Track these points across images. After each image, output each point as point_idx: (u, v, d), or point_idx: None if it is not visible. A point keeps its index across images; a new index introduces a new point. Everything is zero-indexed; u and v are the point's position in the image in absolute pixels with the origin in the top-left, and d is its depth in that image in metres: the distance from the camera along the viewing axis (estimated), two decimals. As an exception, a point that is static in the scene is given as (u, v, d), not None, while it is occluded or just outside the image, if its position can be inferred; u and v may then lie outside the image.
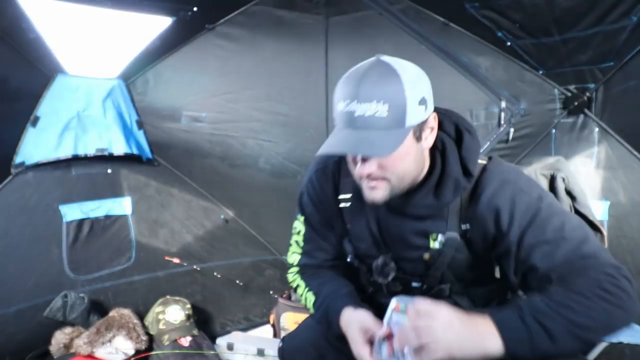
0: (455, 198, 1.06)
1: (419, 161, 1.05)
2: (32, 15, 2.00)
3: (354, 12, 2.35)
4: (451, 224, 1.09)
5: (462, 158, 1.06)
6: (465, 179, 1.05)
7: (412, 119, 0.95)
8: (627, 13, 1.61)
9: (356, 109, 0.93)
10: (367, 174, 1.00)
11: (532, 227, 0.99)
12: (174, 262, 2.69)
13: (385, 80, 0.93)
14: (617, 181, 1.91)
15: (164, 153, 2.72)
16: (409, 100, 0.94)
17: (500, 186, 1.04)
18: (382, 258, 1.17)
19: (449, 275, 1.15)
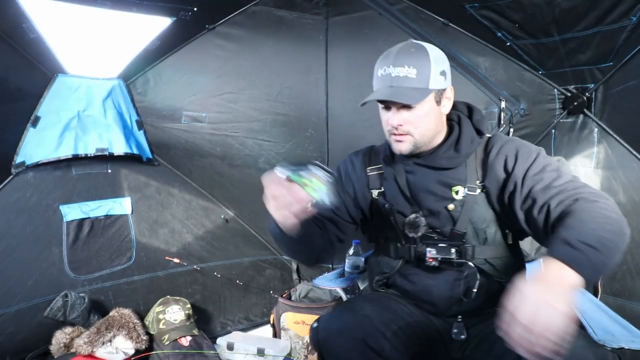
0: (472, 150, 1.31)
1: (438, 123, 1.31)
2: (32, 15, 2.01)
3: (354, 12, 2.35)
4: (470, 178, 1.30)
5: (474, 124, 1.34)
6: (477, 136, 1.33)
7: (434, 83, 1.23)
8: (626, 13, 1.61)
9: (392, 71, 1.22)
10: (396, 125, 1.26)
11: (533, 166, 1.22)
12: (175, 262, 2.69)
13: (415, 52, 1.24)
14: (616, 181, 1.92)
15: (164, 153, 2.73)
16: (433, 68, 1.23)
17: (505, 142, 1.30)
18: (414, 214, 1.35)
19: (470, 231, 1.30)
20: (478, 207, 1.30)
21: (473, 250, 1.31)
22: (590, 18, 1.68)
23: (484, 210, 1.30)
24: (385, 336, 1.21)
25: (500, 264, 1.32)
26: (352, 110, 2.44)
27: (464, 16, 1.98)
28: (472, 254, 1.31)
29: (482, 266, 1.31)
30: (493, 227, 1.31)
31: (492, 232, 1.31)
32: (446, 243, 1.31)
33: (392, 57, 1.23)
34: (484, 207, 1.30)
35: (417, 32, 2.17)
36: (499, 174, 1.27)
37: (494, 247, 1.32)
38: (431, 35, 2.15)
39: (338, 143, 2.52)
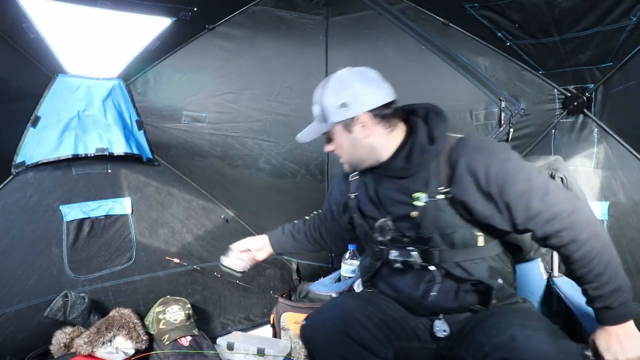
0: (425, 160, 1.33)
1: (358, 148, 1.39)
2: (32, 15, 2.01)
3: (354, 12, 2.35)
4: (432, 185, 1.32)
5: (429, 131, 1.35)
6: (429, 145, 1.33)
7: (334, 117, 1.35)
8: (626, 13, 1.61)
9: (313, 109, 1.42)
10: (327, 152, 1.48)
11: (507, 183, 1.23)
12: (175, 262, 2.69)
13: (319, 90, 1.38)
14: (616, 181, 1.91)
15: (164, 153, 2.73)
16: (329, 104, 1.35)
17: (474, 152, 1.27)
18: (382, 219, 1.42)
19: (436, 236, 1.33)
20: (442, 213, 1.32)
21: (440, 254, 1.35)
22: (590, 18, 1.68)
23: (449, 216, 1.32)
24: (366, 327, 1.30)
25: (474, 267, 1.34)
26: (352, 110, 2.43)
27: (464, 16, 1.97)
28: (440, 257, 1.35)
29: (452, 270, 1.34)
30: (460, 232, 1.33)
31: (459, 237, 1.33)
32: (414, 246, 1.37)
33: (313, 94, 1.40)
34: (449, 213, 1.32)
35: (417, 32, 2.18)
36: (469, 190, 1.27)
37: (465, 250, 1.35)
38: (431, 35, 2.15)
39: (338, 143, 2.52)
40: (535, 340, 1.11)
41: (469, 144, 1.30)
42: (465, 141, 1.31)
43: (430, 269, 1.35)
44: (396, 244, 1.41)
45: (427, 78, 2.25)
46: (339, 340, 1.28)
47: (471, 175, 1.26)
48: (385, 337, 1.33)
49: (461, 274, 1.34)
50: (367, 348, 1.28)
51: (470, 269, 1.34)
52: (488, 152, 1.27)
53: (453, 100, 2.19)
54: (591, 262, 1.20)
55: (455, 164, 1.28)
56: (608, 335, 1.22)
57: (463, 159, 1.27)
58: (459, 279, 1.35)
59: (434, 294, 1.34)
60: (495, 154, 1.27)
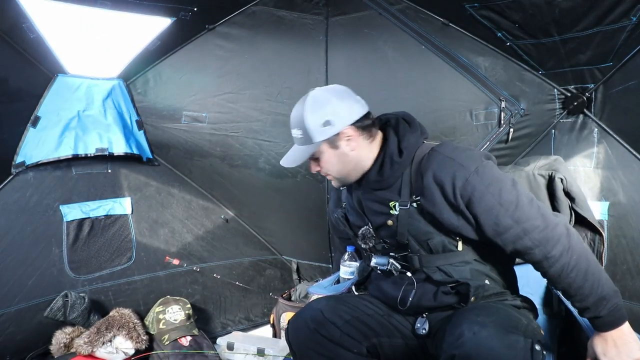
0: (395, 172, 1.35)
1: (347, 161, 1.39)
2: (32, 15, 2.00)
3: (354, 12, 2.34)
4: (404, 194, 1.35)
5: (398, 142, 1.37)
6: (398, 156, 1.35)
7: (319, 136, 1.35)
8: (626, 13, 1.60)
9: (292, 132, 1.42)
10: (313, 172, 1.48)
11: (474, 197, 1.23)
12: (174, 264, 2.70)
13: (298, 113, 1.39)
14: (616, 181, 1.91)
15: (164, 153, 2.73)
16: (311, 124, 1.35)
17: (442, 163, 1.28)
18: (365, 227, 1.47)
19: (413, 242, 1.36)
20: (415, 221, 1.34)
21: (420, 259, 1.37)
22: (590, 18, 1.68)
23: (423, 224, 1.34)
24: (336, 325, 1.39)
25: (455, 270, 1.35)
26: (352, 110, 2.43)
27: (464, 16, 1.97)
28: (420, 262, 1.38)
29: (433, 274, 1.36)
30: (437, 238, 1.34)
31: (435, 243, 1.34)
32: (395, 252, 1.42)
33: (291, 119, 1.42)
34: (422, 221, 1.33)
35: (417, 32, 2.17)
36: (437, 199, 1.28)
37: (444, 255, 1.36)
38: (431, 35, 2.15)
39: (338, 143, 2.52)
40: (481, 336, 1.11)
41: (440, 153, 1.30)
42: (437, 151, 1.32)
43: (408, 274, 1.39)
44: (379, 250, 1.46)
45: (427, 78, 2.25)
46: (312, 339, 1.40)
47: (438, 186, 1.27)
48: (359, 333, 1.40)
49: (442, 277, 1.35)
50: (339, 343, 1.38)
51: (451, 272, 1.35)
52: (457, 163, 1.26)
53: (453, 100, 2.19)
54: (568, 277, 1.20)
55: (423, 174, 1.30)
56: (604, 341, 1.22)
57: (430, 169, 1.28)
58: (439, 283, 1.36)
59: (411, 299, 1.38)
60: (464, 165, 1.25)
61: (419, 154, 1.34)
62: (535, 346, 1.11)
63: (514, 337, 1.13)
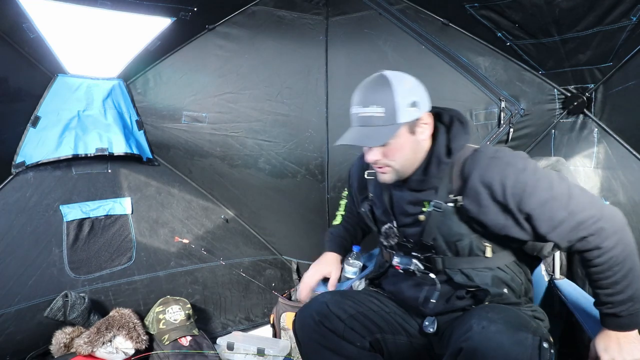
0: (440, 173, 1.31)
1: (417, 150, 1.32)
2: (32, 15, 2.01)
3: (354, 12, 2.34)
4: (441, 194, 1.32)
5: (448, 141, 1.32)
6: (446, 157, 1.30)
7: (403, 117, 1.25)
8: (626, 13, 1.60)
9: (359, 111, 1.28)
10: (372, 161, 1.32)
11: (525, 194, 1.20)
12: (184, 242, 2.72)
13: (380, 89, 1.27)
14: (616, 181, 1.91)
15: (164, 153, 2.73)
16: (399, 103, 1.24)
17: (489, 164, 1.24)
18: (389, 224, 1.45)
19: (440, 243, 1.34)
20: (449, 221, 1.31)
21: (443, 261, 1.36)
22: (590, 18, 1.68)
23: (456, 225, 1.31)
24: (341, 318, 1.40)
25: (476, 274, 1.34)
26: (352, 110, 2.43)
27: (464, 16, 1.97)
28: (443, 264, 1.36)
29: (454, 275, 1.35)
30: (466, 240, 1.32)
31: (463, 245, 1.33)
32: (418, 252, 1.40)
33: (359, 96, 1.29)
34: (455, 221, 1.31)
35: (417, 32, 2.17)
36: (483, 201, 1.24)
37: (469, 258, 1.34)
38: (431, 35, 2.15)
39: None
40: (489, 330, 1.11)
41: (484, 155, 1.27)
42: (480, 152, 1.28)
43: (431, 276, 1.37)
44: (401, 249, 1.44)
45: (427, 78, 2.20)
46: (317, 331, 1.41)
47: (486, 187, 1.23)
48: (363, 328, 1.41)
49: (462, 280, 1.34)
50: (342, 337, 1.39)
51: (473, 276, 1.34)
52: (504, 162, 1.23)
53: (453, 100, 2.19)
54: (610, 269, 1.19)
55: (467, 176, 1.26)
56: (608, 338, 1.22)
57: (477, 171, 1.24)
58: (458, 285, 1.35)
59: (434, 301, 1.37)
60: (512, 164, 1.23)
61: (460, 155, 1.31)
62: (544, 344, 1.10)
63: (523, 334, 1.12)
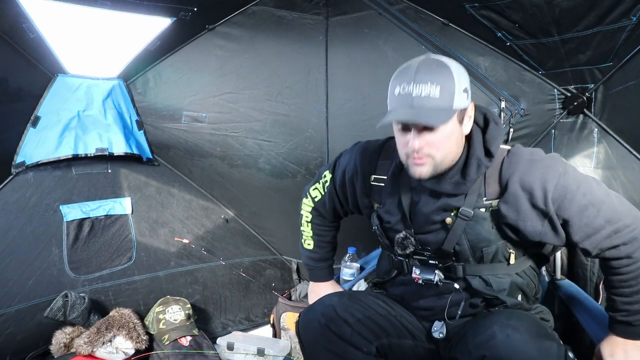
0: (479, 175, 1.23)
1: (459, 144, 1.23)
2: (32, 15, 2.00)
3: (354, 12, 2.34)
4: (470, 199, 1.24)
5: (485, 142, 1.23)
6: (486, 158, 1.22)
7: (458, 102, 1.14)
8: (626, 13, 1.60)
9: (413, 90, 1.12)
10: (417, 148, 1.16)
11: (566, 199, 1.16)
12: (184, 242, 2.70)
13: (437, 69, 1.13)
14: (616, 181, 1.91)
15: (164, 153, 2.73)
16: (457, 86, 1.13)
17: (528, 167, 1.19)
18: (404, 232, 1.34)
19: (465, 249, 1.27)
20: (478, 226, 1.26)
21: (464, 269, 1.32)
22: (590, 18, 1.68)
23: (486, 231, 1.26)
24: (348, 323, 1.34)
25: (495, 281, 1.31)
26: (352, 110, 2.43)
27: (464, 16, 1.97)
28: (464, 271, 1.32)
29: (472, 281, 1.31)
30: (493, 247, 1.28)
31: (490, 252, 1.28)
32: (436, 260, 1.33)
33: (411, 74, 1.13)
34: (487, 227, 1.26)
35: (417, 32, 2.17)
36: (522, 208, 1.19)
37: (491, 265, 1.31)
38: (431, 35, 2.15)
39: (338, 143, 2.52)
40: (515, 339, 1.09)
41: (521, 157, 1.22)
42: (517, 154, 1.23)
43: (456, 286, 1.31)
44: (417, 256, 1.37)
45: (427, 78, 2.24)
46: (322, 334, 1.34)
47: (525, 191, 1.18)
48: (370, 332, 1.35)
49: (480, 285, 1.31)
50: (348, 341, 1.33)
51: (492, 281, 1.31)
52: (544, 165, 1.19)
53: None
54: (636, 279, 1.18)
55: (507, 180, 1.20)
56: (615, 344, 1.22)
57: (516, 175, 1.19)
58: (475, 292, 1.32)
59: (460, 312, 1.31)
60: (552, 167, 1.19)
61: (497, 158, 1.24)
62: (569, 354, 1.09)
63: (548, 343, 1.11)
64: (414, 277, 1.34)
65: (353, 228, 2.00)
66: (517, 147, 1.27)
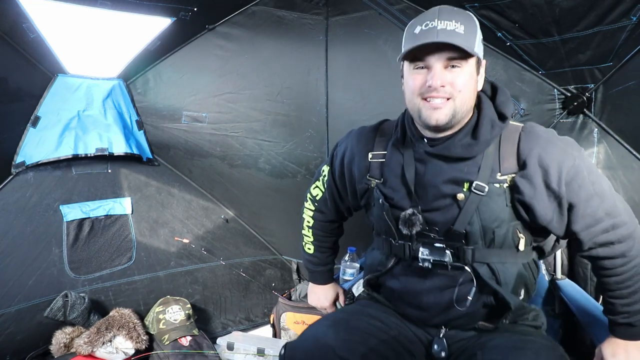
0: (492, 137, 1.17)
1: (474, 96, 1.18)
2: (32, 15, 2.00)
3: (354, 12, 2.34)
4: (484, 172, 1.17)
5: (496, 106, 1.19)
6: (500, 121, 1.18)
7: (477, 47, 1.13)
8: (626, 13, 1.60)
9: (438, 24, 1.09)
10: (438, 85, 1.11)
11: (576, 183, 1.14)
12: (184, 242, 2.70)
13: (460, 11, 1.14)
14: (616, 181, 1.91)
15: (164, 153, 2.73)
16: (478, 31, 1.14)
17: (546, 144, 1.15)
18: (411, 209, 1.22)
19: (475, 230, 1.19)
20: (493, 203, 1.17)
21: (473, 253, 1.20)
22: (590, 18, 1.68)
23: (500, 208, 1.17)
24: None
25: (502, 270, 1.22)
26: (352, 110, 2.43)
27: (464, 16, 1.97)
28: (472, 257, 1.21)
29: (479, 269, 1.20)
30: (504, 228, 1.19)
31: (501, 234, 1.19)
32: (443, 243, 1.21)
33: (435, 13, 1.12)
34: (501, 204, 1.17)
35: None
36: (537, 186, 1.14)
37: (500, 251, 1.22)
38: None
39: (338, 143, 2.52)
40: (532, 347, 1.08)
41: (539, 133, 1.18)
42: (534, 130, 1.19)
43: (467, 269, 1.20)
44: (422, 238, 1.24)
45: (427, 78, 2.24)
46: None
47: (542, 168, 1.13)
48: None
49: (488, 276, 1.21)
50: None
51: (499, 270, 1.21)
52: (562, 146, 1.16)
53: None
54: (632, 279, 1.16)
55: (527, 155, 1.15)
56: (616, 345, 1.22)
57: (536, 150, 1.14)
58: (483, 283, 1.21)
59: (471, 298, 1.18)
60: (568, 149, 1.16)
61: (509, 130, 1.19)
62: None
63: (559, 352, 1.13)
64: (420, 258, 1.20)
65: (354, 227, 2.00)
66: (531, 124, 1.22)
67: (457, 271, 1.21)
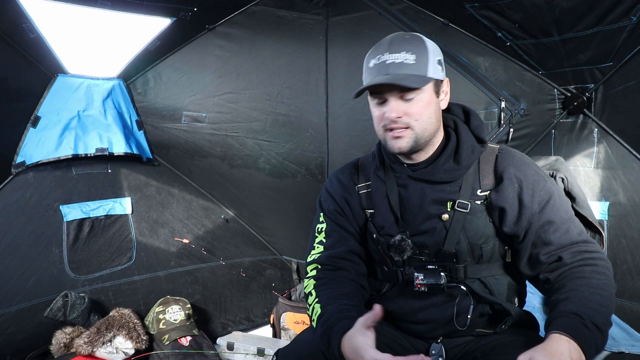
0: (473, 161, 1.22)
1: (438, 118, 1.22)
2: (32, 15, 2.01)
3: (354, 12, 2.35)
4: (465, 192, 1.21)
5: (472, 130, 1.25)
6: (479, 145, 1.23)
7: (432, 72, 1.16)
8: (626, 13, 1.61)
9: (387, 58, 1.15)
10: (395, 117, 1.15)
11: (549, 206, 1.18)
12: (184, 242, 2.72)
13: (411, 39, 1.18)
14: (616, 181, 1.92)
15: (164, 153, 2.73)
16: (430, 56, 1.16)
17: (521, 165, 1.21)
18: (400, 235, 1.25)
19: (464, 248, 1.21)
20: (476, 220, 1.21)
21: (465, 270, 1.23)
22: (590, 18, 1.68)
23: (484, 225, 1.22)
24: None
25: (494, 283, 1.25)
26: (352, 110, 2.43)
27: (464, 16, 1.97)
28: (465, 274, 1.24)
29: (472, 285, 1.23)
30: (490, 243, 1.23)
31: (488, 249, 1.23)
32: (435, 265, 1.23)
33: (385, 45, 1.18)
34: (484, 220, 1.22)
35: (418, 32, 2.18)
36: (510, 196, 1.18)
37: (489, 265, 1.25)
38: (431, 35, 2.15)
39: (338, 143, 2.52)
40: None
41: (516, 154, 1.25)
42: (511, 151, 1.26)
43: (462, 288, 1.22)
44: (413, 262, 1.26)
45: (427, 78, 2.25)
46: None
47: (517, 184, 1.19)
48: None
49: (481, 290, 1.23)
50: None
51: (491, 284, 1.24)
52: (535, 169, 1.23)
53: (453, 100, 2.19)
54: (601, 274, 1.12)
55: (503, 170, 1.21)
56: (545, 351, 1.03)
57: (512, 167, 1.21)
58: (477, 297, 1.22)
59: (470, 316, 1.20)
60: (540, 172, 1.23)
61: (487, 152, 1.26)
62: None
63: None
64: (416, 283, 1.20)
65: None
66: (507, 147, 1.29)
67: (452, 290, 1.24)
